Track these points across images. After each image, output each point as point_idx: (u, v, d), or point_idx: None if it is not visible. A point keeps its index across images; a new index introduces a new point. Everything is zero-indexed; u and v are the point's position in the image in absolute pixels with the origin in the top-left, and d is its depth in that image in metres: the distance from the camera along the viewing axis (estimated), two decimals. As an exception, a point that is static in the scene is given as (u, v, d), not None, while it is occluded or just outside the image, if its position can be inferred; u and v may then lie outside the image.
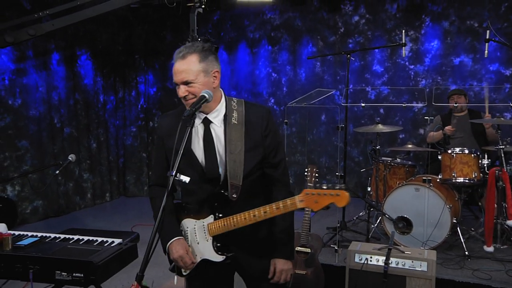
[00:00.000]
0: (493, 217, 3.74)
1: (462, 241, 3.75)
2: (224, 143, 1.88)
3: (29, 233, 2.60)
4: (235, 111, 1.92)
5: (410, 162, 4.56)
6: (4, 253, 2.28)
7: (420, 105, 5.64)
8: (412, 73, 5.81)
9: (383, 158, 4.66)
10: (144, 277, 1.61)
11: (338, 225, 4.16)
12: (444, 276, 3.30)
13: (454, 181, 3.91)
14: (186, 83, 1.81)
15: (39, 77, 5.53)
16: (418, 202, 3.85)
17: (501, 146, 3.82)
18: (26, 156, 5.37)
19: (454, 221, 3.77)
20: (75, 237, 2.57)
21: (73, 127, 6.04)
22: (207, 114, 1.90)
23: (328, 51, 6.09)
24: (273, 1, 5.95)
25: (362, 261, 2.79)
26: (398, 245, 3.54)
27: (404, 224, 3.91)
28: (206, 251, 1.91)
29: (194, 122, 1.78)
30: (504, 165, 3.76)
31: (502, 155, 3.80)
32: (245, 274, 2.06)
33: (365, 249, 2.84)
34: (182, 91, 1.82)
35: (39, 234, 2.59)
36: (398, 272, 2.71)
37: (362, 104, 4.63)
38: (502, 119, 4.00)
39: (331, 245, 3.87)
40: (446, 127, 4.57)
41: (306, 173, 3.15)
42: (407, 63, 5.82)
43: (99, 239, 2.53)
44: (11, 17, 5.01)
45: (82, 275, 2.14)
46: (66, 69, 5.93)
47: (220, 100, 1.93)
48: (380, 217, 4.15)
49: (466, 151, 3.92)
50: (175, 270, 1.97)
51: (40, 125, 5.55)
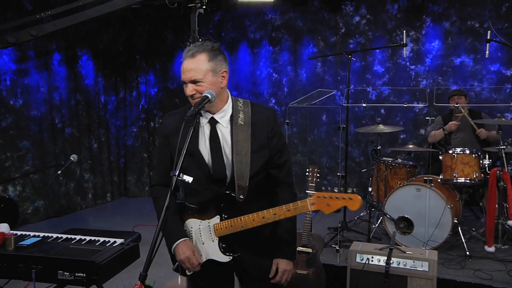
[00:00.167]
0: (494, 217, 3.75)
1: (463, 241, 3.74)
2: (230, 144, 1.87)
3: (31, 233, 2.60)
4: (241, 112, 1.91)
5: (411, 162, 4.56)
6: (7, 253, 2.28)
7: (421, 105, 5.64)
8: (413, 73, 5.81)
9: (384, 158, 4.66)
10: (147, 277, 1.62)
11: (339, 225, 4.16)
12: (445, 276, 3.30)
13: (455, 181, 3.90)
14: (194, 81, 1.80)
15: (40, 78, 5.54)
16: (419, 202, 3.84)
17: (502, 147, 3.82)
18: (27, 156, 5.38)
19: (455, 221, 3.77)
20: (77, 237, 2.58)
21: (74, 127, 6.05)
22: (213, 114, 1.89)
23: (329, 52, 6.09)
24: (274, 1, 5.96)
25: (364, 261, 2.79)
26: (399, 245, 3.54)
27: (405, 224, 3.91)
28: (212, 252, 1.91)
29: (197, 122, 1.77)
30: (505, 165, 3.76)
31: (503, 155, 3.80)
32: (245, 274, 2.04)
33: (367, 249, 2.85)
34: (190, 89, 1.81)
35: (41, 234, 2.59)
36: (400, 272, 2.72)
37: (363, 105, 4.62)
38: (503, 119, 3.99)
39: (333, 245, 3.87)
40: (451, 122, 4.58)
41: (307, 174, 3.14)
42: (408, 64, 5.82)
43: (101, 239, 2.53)
44: (13, 18, 5.03)
45: (84, 275, 2.15)
46: (67, 69, 5.94)
47: (227, 100, 1.93)
48: (381, 217, 4.15)
49: (467, 152, 3.92)
50: (179, 270, 1.96)
51: (42, 125, 5.56)
